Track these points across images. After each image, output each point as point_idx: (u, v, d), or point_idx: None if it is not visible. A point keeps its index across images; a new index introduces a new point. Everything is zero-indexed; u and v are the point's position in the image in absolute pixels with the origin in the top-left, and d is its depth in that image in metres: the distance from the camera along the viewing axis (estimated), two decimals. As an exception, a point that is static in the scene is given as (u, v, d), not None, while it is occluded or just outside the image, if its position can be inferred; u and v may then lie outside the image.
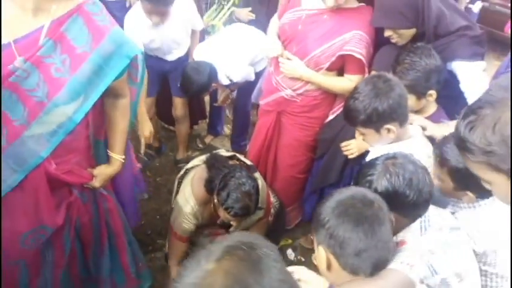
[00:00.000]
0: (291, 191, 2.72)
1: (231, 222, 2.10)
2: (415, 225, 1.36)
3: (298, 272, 1.42)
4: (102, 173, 1.89)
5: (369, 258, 1.14)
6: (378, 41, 2.15)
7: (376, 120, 1.65)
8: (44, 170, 1.69)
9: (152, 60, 2.89)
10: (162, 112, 3.46)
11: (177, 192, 2.33)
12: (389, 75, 1.71)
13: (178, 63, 2.98)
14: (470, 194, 1.50)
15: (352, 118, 1.71)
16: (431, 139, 1.78)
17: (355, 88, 1.74)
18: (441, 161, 1.53)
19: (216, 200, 2.02)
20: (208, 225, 2.34)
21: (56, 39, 1.46)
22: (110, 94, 1.71)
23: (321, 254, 1.19)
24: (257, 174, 2.24)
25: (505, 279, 1.55)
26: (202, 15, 3.26)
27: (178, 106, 3.20)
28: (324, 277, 1.25)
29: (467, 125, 1.03)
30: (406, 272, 1.21)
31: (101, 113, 1.83)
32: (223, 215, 2.02)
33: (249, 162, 2.32)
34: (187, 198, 2.17)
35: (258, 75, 3.07)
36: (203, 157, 2.27)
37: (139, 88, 1.87)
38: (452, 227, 1.37)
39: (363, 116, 1.66)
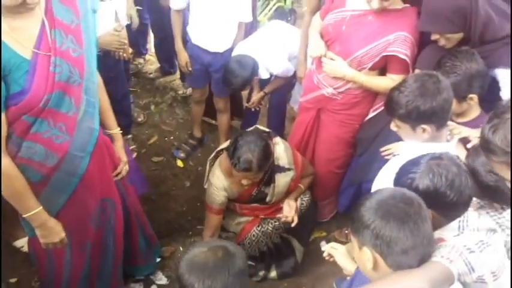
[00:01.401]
0: (328, 185, 2.78)
1: (243, 182, 2.24)
2: (454, 224, 1.39)
3: (332, 248, 1.61)
4: (119, 147, 2.09)
5: (416, 255, 1.18)
6: (423, 40, 2.16)
7: (414, 118, 1.67)
8: (102, 140, 1.90)
9: (195, 50, 3.01)
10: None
11: (209, 174, 2.49)
12: (441, 77, 1.70)
13: (220, 56, 2.99)
14: (496, 205, 1.52)
15: (392, 109, 1.74)
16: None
17: (404, 81, 1.74)
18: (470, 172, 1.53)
19: (229, 160, 2.20)
20: (245, 201, 2.46)
21: (57, 26, 1.59)
22: None
23: (366, 255, 1.22)
24: (277, 139, 2.39)
25: None
26: (254, 9, 3.25)
27: (219, 101, 3.32)
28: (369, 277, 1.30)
29: (491, 128, 1.11)
30: (447, 265, 1.24)
31: None
32: (234, 173, 2.21)
33: (267, 130, 2.47)
34: (216, 172, 2.37)
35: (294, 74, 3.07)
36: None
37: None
38: (489, 229, 1.39)
39: (403, 110, 1.68)
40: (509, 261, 1.44)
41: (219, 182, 2.34)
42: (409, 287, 1.16)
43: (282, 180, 2.40)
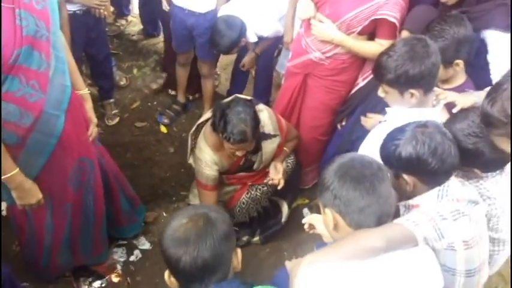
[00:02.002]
0: (312, 152, 2.78)
1: (237, 153, 2.20)
2: (433, 192, 1.41)
3: (311, 218, 1.65)
4: (89, 107, 2.05)
5: (373, 213, 1.24)
6: (412, 4, 2.13)
7: (403, 83, 1.67)
8: (75, 98, 1.85)
9: (178, 13, 2.91)
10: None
11: (192, 148, 2.45)
12: (430, 41, 1.70)
13: (203, 19, 2.88)
14: (476, 170, 1.54)
15: (380, 74, 1.73)
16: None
17: (392, 45, 1.74)
18: None
19: (220, 135, 2.14)
20: (232, 172, 2.45)
21: None
22: None
23: (328, 216, 1.29)
24: (261, 106, 2.36)
25: (507, 244, 1.61)
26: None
27: (204, 66, 3.24)
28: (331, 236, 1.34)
29: (489, 102, 1.14)
30: (410, 228, 1.29)
31: None
32: (227, 147, 2.17)
33: (249, 98, 2.40)
34: (203, 148, 2.30)
35: (280, 39, 3.01)
36: (210, 112, 2.35)
37: None
38: (470, 200, 1.41)
39: (391, 74, 1.67)
40: (487, 232, 1.47)
41: (208, 157, 2.29)
42: (366, 244, 1.22)
43: (268, 147, 2.39)
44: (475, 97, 1.73)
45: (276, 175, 2.45)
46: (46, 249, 2.16)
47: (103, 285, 2.43)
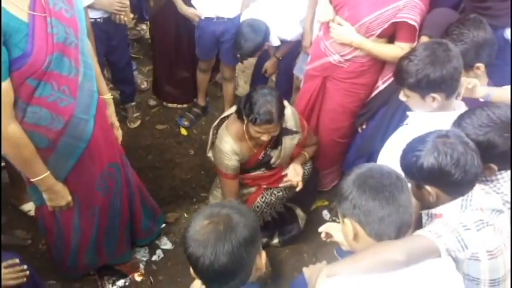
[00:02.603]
0: (331, 154, 2.79)
1: (262, 138, 2.19)
2: (456, 202, 1.40)
3: (328, 227, 1.63)
4: (112, 112, 2.10)
5: (393, 223, 1.23)
6: (432, 7, 2.12)
7: (424, 87, 1.67)
8: (101, 103, 1.91)
9: (206, 23, 2.95)
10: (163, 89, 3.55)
11: (213, 141, 2.47)
12: (451, 45, 1.69)
13: (231, 24, 2.93)
14: (492, 166, 1.51)
15: (402, 78, 1.73)
16: None
17: (413, 49, 1.74)
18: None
19: (245, 121, 2.16)
20: (251, 165, 2.46)
21: None
22: None
23: (347, 226, 1.28)
24: (285, 102, 2.34)
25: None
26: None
27: (226, 70, 3.29)
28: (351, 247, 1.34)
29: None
30: (432, 239, 1.28)
31: None
32: (252, 131, 2.17)
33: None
34: (224, 138, 2.32)
35: (300, 43, 3.03)
36: (235, 106, 2.38)
37: None
38: (494, 209, 1.39)
39: (412, 79, 1.67)
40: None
41: (228, 147, 2.31)
42: (387, 258, 1.22)
43: (288, 142, 2.40)
44: (497, 91, 1.71)
45: (295, 177, 2.45)
46: (73, 250, 2.22)
47: (126, 283, 2.48)
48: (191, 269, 1.25)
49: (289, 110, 2.37)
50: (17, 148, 1.64)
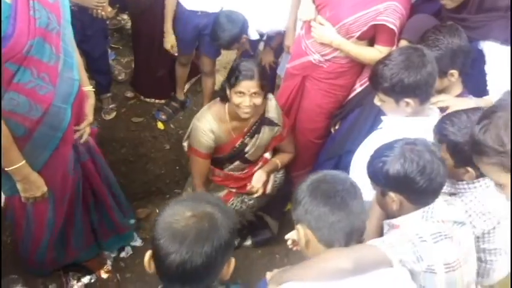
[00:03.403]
0: (306, 155, 2.76)
1: (244, 105, 2.15)
2: (417, 213, 1.39)
3: (294, 234, 1.52)
4: (90, 105, 2.02)
5: (342, 229, 1.23)
6: (412, 13, 2.12)
7: (398, 92, 1.66)
8: (81, 93, 1.88)
9: (190, 16, 2.90)
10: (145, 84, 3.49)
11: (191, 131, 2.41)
12: (426, 51, 1.69)
13: (214, 18, 2.84)
14: (470, 170, 1.50)
15: (377, 83, 1.73)
16: None
17: (388, 54, 1.74)
18: (440, 137, 1.54)
19: (228, 91, 2.18)
20: (225, 155, 2.42)
21: None
22: None
23: (299, 232, 1.28)
24: (270, 95, 2.38)
25: (503, 251, 1.59)
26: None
27: (207, 63, 3.24)
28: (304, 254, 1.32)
29: (481, 129, 1.10)
30: (383, 249, 1.27)
31: None
32: (235, 97, 2.16)
33: None
34: (204, 115, 2.31)
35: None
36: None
37: None
38: (456, 221, 1.39)
39: (387, 83, 1.67)
40: (475, 253, 1.44)
41: (207, 125, 2.27)
42: (333, 265, 1.21)
43: (267, 132, 2.39)
44: (473, 103, 1.72)
45: (257, 183, 2.43)
46: (43, 244, 2.15)
47: (92, 280, 2.42)
48: (148, 254, 1.12)
49: (273, 102, 2.38)
50: None
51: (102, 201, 2.30)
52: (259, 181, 2.44)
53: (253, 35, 2.87)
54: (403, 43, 2.06)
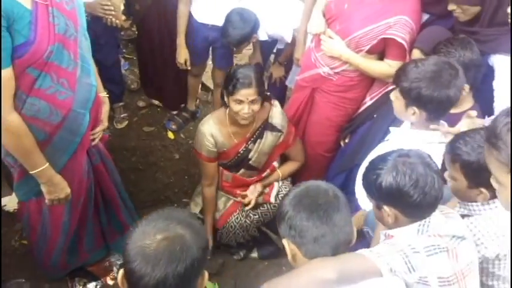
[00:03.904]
0: (315, 168, 2.74)
1: (243, 112, 2.18)
2: (413, 226, 1.34)
3: None
4: (106, 111, 2.08)
5: (327, 243, 1.21)
6: (423, 27, 2.12)
7: (412, 97, 1.65)
8: (98, 98, 1.94)
9: (201, 28, 2.93)
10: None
11: None
12: (461, 73, 1.65)
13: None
14: (484, 190, 1.46)
15: (399, 77, 1.71)
16: None
17: (426, 58, 1.72)
18: (453, 157, 1.50)
19: (226, 99, 2.23)
20: (229, 161, 2.46)
21: None
22: None
23: (286, 246, 1.26)
24: (276, 102, 2.42)
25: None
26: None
27: (218, 75, 3.25)
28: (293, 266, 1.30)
29: (506, 125, 1.04)
30: (372, 259, 1.24)
31: None
32: (233, 105, 2.19)
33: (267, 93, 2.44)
34: (206, 120, 2.38)
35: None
36: None
37: None
38: (455, 236, 1.33)
39: (406, 84, 1.66)
40: (477, 270, 1.39)
41: (207, 128, 2.34)
42: (317, 276, 1.18)
43: (269, 138, 2.40)
44: (480, 124, 1.70)
45: (251, 194, 2.48)
46: (58, 247, 2.17)
47: (98, 287, 2.43)
48: (121, 273, 1.11)
49: (278, 109, 2.40)
50: (18, 138, 1.62)
51: (111, 203, 2.32)
52: (252, 193, 2.48)
53: (262, 36, 2.86)
54: (416, 52, 2.06)
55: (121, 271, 1.12)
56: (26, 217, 2.11)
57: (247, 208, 2.49)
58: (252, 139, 2.40)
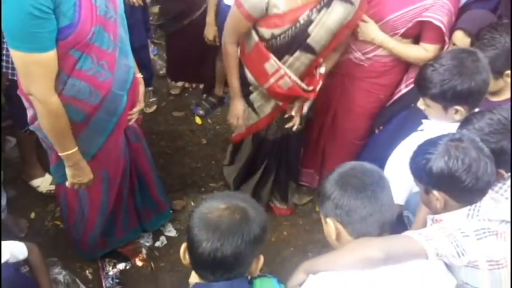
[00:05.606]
0: (345, 155, 2.65)
1: None
2: (463, 211, 1.33)
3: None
4: (142, 91, 2.08)
5: (375, 222, 1.21)
6: (461, 12, 2.03)
7: (449, 98, 1.59)
8: (136, 79, 1.97)
9: (226, 8, 2.91)
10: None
11: None
12: (481, 55, 1.60)
13: None
14: (501, 171, 1.44)
15: (424, 87, 1.65)
16: None
17: (439, 57, 1.65)
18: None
19: None
20: (286, 42, 2.04)
21: None
22: None
23: (329, 226, 1.26)
24: None
25: None
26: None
27: None
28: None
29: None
30: (420, 242, 1.24)
31: None
32: None
33: None
34: None
35: None
36: None
37: None
38: (504, 220, 1.31)
39: (436, 89, 1.60)
40: None
41: None
42: (364, 254, 1.19)
43: (338, 10, 1.93)
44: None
45: (297, 114, 2.35)
46: (96, 226, 2.23)
47: (127, 267, 2.48)
48: (183, 247, 1.18)
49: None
50: (56, 118, 1.65)
51: (146, 181, 2.36)
52: (296, 114, 2.36)
53: None
54: (459, 34, 1.97)
55: (184, 244, 1.19)
56: (63, 198, 2.17)
57: (289, 125, 2.37)
58: (317, 7, 1.94)
